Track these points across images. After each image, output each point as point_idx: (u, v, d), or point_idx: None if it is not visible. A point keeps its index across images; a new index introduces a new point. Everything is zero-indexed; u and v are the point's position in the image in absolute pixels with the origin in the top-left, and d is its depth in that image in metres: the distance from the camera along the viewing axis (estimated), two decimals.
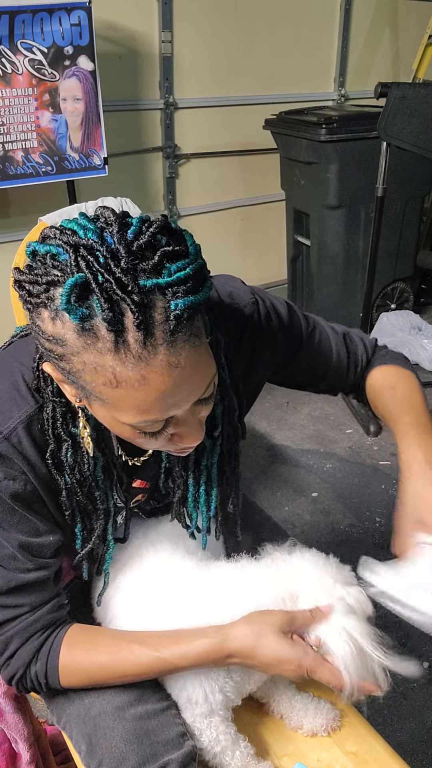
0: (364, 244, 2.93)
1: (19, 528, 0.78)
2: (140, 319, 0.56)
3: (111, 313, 0.56)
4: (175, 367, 0.60)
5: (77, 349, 0.59)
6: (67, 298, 0.57)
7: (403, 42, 3.49)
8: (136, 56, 2.67)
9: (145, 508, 0.98)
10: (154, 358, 0.58)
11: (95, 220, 0.61)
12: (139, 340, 0.57)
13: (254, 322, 0.88)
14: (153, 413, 0.63)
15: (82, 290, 0.57)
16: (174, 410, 0.64)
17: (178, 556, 0.91)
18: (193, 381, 0.63)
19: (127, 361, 0.58)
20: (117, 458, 0.82)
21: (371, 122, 2.47)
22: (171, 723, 0.84)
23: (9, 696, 0.99)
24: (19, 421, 0.74)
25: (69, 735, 0.87)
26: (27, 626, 0.81)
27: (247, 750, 0.87)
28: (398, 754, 0.91)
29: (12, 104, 2.12)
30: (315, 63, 3.27)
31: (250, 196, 3.29)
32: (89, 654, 0.81)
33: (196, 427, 0.70)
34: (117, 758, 0.79)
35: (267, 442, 2.55)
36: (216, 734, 0.86)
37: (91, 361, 0.59)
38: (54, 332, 0.60)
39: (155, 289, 0.57)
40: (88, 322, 0.57)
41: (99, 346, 0.58)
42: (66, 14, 2.10)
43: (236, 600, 0.83)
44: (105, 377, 0.59)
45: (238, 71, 2.99)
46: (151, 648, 0.80)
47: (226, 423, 0.85)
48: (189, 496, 0.88)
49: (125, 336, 0.57)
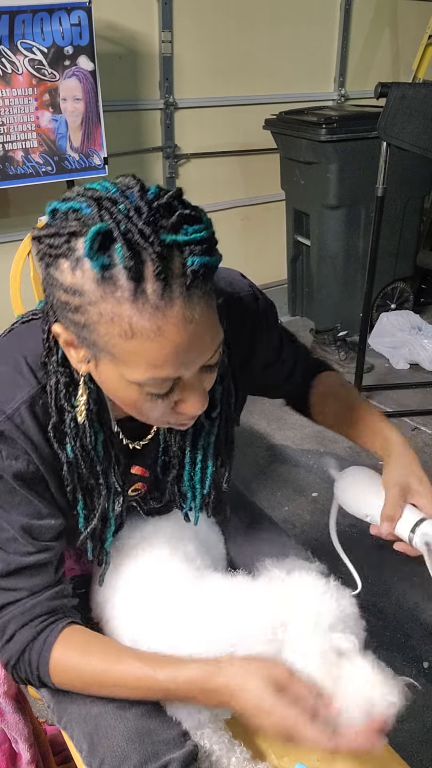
0: (364, 244, 2.93)
1: (20, 510, 0.77)
2: (160, 269, 0.58)
3: (132, 261, 0.58)
4: (190, 322, 0.61)
5: (95, 299, 0.60)
6: (90, 245, 0.58)
7: (403, 42, 3.49)
8: (136, 56, 2.67)
9: (144, 507, 0.98)
10: (170, 310, 0.60)
11: (116, 184, 0.64)
12: (157, 290, 0.59)
13: (253, 311, 0.90)
14: (164, 369, 0.64)
15: (104, 239, 0.59)
16: (185, 369, 0.65)
17: (176, 561, 0.91)
18: (204, 339, 0.65)
19: (145, 310, 0.59)
20: (115, 437, 0.82)
21: (371, 122, 2.47)
22: (172, 722, 0.84)
23: (9, 696, 0.98)
24: (21, 401, 0.74)
25: (70, 734, 0.87)
26: (25, 611, 0.80)
27: (243, 755, 0.86)
28: (398, 754, 0.91)
29: (12, 104, 2.12)
30: (315, 63, 3.27)
31: (250, 196, 3.29)
32: (82, 657, 0.79)
33: (201, 394, 0.70)
34: (119, 757, 0.79)
35: (267, 442, 2.55)
36: (209, 744, 0.85)
37: (108, 311, 0.60)
38: (73, 282, 0.61)
39: (173, 245, 0.60)
40: (109, 271, 0.59)
41: (117, 295, 0.59)
42: (66, 14, 2.10)
43: (227, 621, 0.81)
44: (121, 328, 0.60)
45: (238, 71, 2.99)
46: (144, 663, 0.77)
47: (224, 405, 0.86)
48: (185, 474, 0.89)
49: (144, 285, 0.59)
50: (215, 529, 1.05)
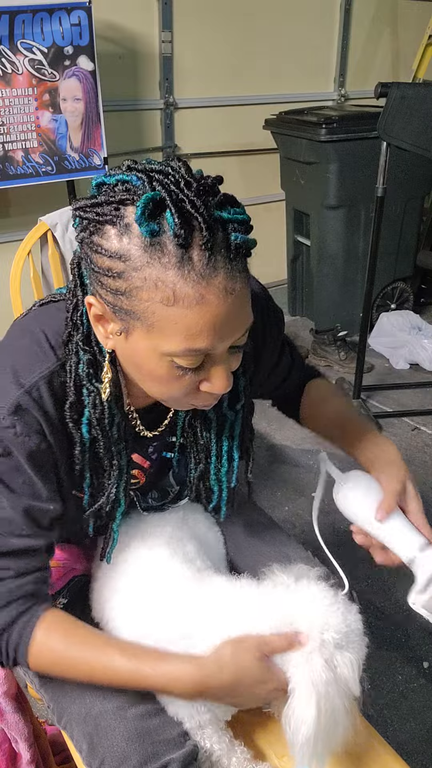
0: (364, 244, 2.93)
1: (23, 490, 0.77)
2: (207, 238, 0.61)
3: (182, 229, 0.60)
4: (231, 293, 0.64)
5: (140, 264, 0.62)
6: (142, 211, 0.60)
7: (403, 42, 3.49)
8: (136, 56, 2.67)
9: (142, 504, 0.98)
10: (214, 279, 0.62)
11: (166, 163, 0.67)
12: (203, 259, 0.61)
13: (264, 312, 0.92)
14: (201, 339, 0.65)
15: (155, 206, 0.61)
16: (220, 341, 0.66)
17: (176, 562, 0.91)
18: (240, 315, 0.67)
19: (189, 277, 0.61)
20: (128, 423, 0.84)
21: (371, 122, 2.47)
22: (172, 722, 0.84)
23: (9, 696, 0.98)
24: (40, 376, 0.74)
25: (70, 734, 0.87)
26: (9, 591, 0.79)
27: (243, 755, 0.87)
28: (398, 754, 0.91)
29: (12, 104, 2.12)
30: (315, 63, 3.27)
31: (250, 196, 3.29)
32: (64, 644, 0.79)
33: (227, 373, 0.71)
34: (119, 757, 0.79)
35: (267, 442, 2.55)
36: (210, 744, 0.85)
37: (153, 276, 0.62)
38: (119, 248, 0.63)
39: (219, 221, 0.63)
40: (157, 237, 0.61)
41: (164, 260, 0.61)
42: (66, 14, 2.10)
43: (231, 623, 0.81)
44: (164, 294, 0.62)
45: (238, 71, 2.99)
46: (126, 657, 0.77)
47: (248, 397, 0.89)
48: (211, 468, 0.91)
49: (191, 253, 0.61)
50: (215, 529, 1.05)
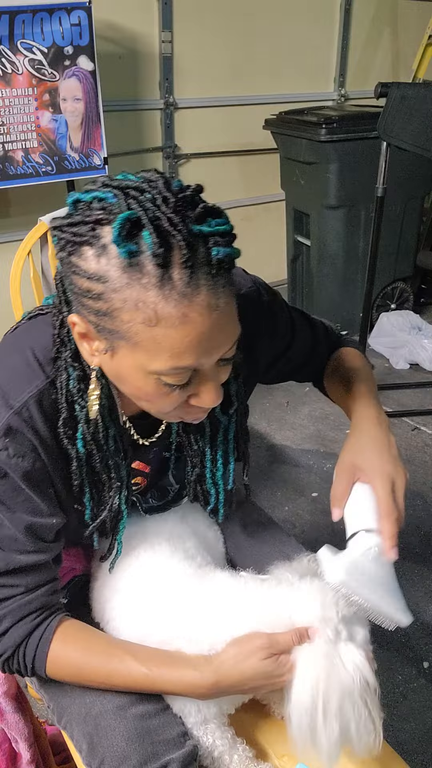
0: (364, 244, 2.93)
1: (23, 507, 0.77)
2: (188, 256, 0.59)
3: (161, 248, 0.59)
4: (215, 309, 0.62)
5: (119, 285, 0.61)
6: (118, 232, 0.59)
7: (403, 42, 3.49)
8: (136, 56, 2.67)
9: (143, 505, 0.98)
10: (196, 297, 0.61)
11: (143, 177, 0.65)
12: (184, 277, 0.60)
13: (257, 307, 0.90)
14: (186, 357, 0.64)
15: (132, 225, 0.59)
16: (206, 358, 0.65)
17: (177, 560, 0.91)
18: (226, 329, 0.65)
19: (171, 297, 0.60)
20: (125, 432, 0.83)
21: (371, 122, 2.47)
22: (172, 722, 0.84)
23: (9, 696, 0.98)
24: (29, 396, 0.74)
25: (70, 734, 0.87)
26: (21, 606, 0.80)
27: (245, 753, 0.87)
28: (398, 754, 0.91)
29: (12, 104, 2.12)
30: (315, 63, 3.27)
31: (250, 196, 3.29)
32: (82, 654, 0.81)
33: (216, 387, 0.70)
34: (118, 757, 0.79)
35: (267, 442, 2.55)
36: (213, 740, 0.85)
37: (133, 298, 0.60)
38: (97, 269, 0.61)
39: (200, 235, 0.61)
40: (136, 257, 0.59)
41: (144, 281, 0.60)
42: (66, 14, 2.10)
43: (234, 620, 0.81)
44: (145, 314, 0.61)
45: (238, 71, 2.99)
46: (142, 663, 0.80)
47: (241, 401, 0.87)
48: (207, 473, 0.90)
49: (171, 272, 0.59)
50: (214, 528, 1.05)
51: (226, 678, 0.78)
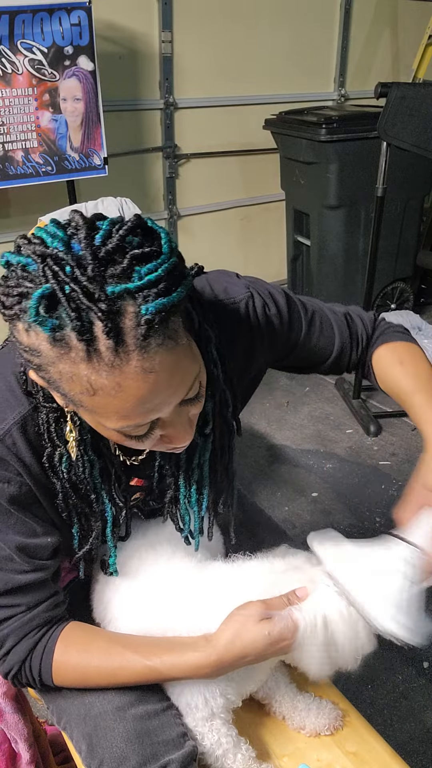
0: (364, 244, 2.93)
1: (16, 529, 0.78)
2: (109, 327, 0.56)
3: (79, 322, 0.56)
4: (150, 372, 0.59)
5: (52, 360, 0.59)
6: (35, 311, 0.56)
7: (403, 42, 3.49)
8: (136, 56, 2.67)
9: (143, 509, 0.98)
10: (127, 365, 0.58)
11: (66, 226, 0.60)
12: (110, 347, 0.57)
13: (250, 316, 0.88)
14: (133, 418, 0.63)
15: (50, 301, 0.56)
16: (155, 414, 0.64)
17: (177, 558, 0.91)
18: (171, 384, 0.62)
19: (101, 369, 0.58)
20: (115, 458, 0.82)
21: (371, 122, 2.47)
22: (171, 723, 0.84)
23: (9, 696, 0.99)
24: (13, 422, 0.74)
25: (69, 735, 0.87)
26: (23, 624, 0.81)
27: (249, 753, 0.87)
28: (398, 754, 0.91)
29: (12, 104, 2.12)
30: (315, 63, 3.27)
31: (250, 196, 3.29)
32: (83, 656, 0.82)
33: (184, 428, 0.69)
34: (118, 758, 0.79)
35: (267, 442, 2.55)
36: (218, 737, 0.85)
37: (67, 371, 0.59)
38: (29, 343, 0.59)
39: (125, 295, 0.56)
40: (60, 332, 0.56)
41: (72, 355, 0.57)
42: (66, 14, 2.10)
43: (233, 596, 0.83)
44: (81, 386, 0.59)
45: (238, 71, 2.99)
46: (144, 656, 0.80)
47: (217, 419, 0.84)
48: (180, 497, 0.88)
49: (96, 345, 0.56)
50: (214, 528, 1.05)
51: (228, 651, 0.78)
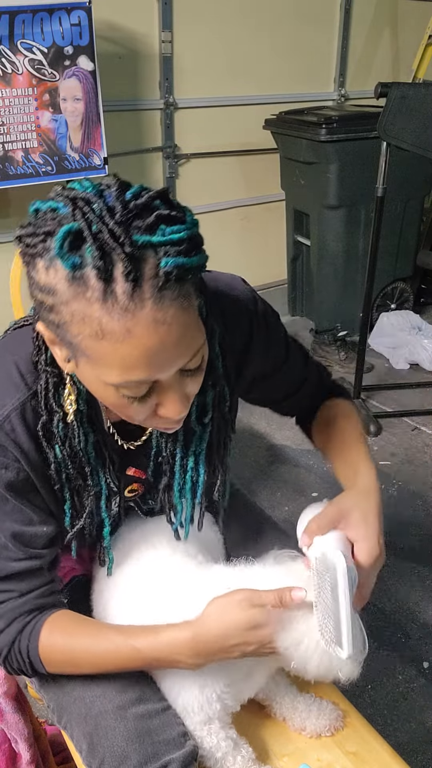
0: (364, 244, 2.93)
1: (12, 517, 0.78)
2: (129, 269, 0.57)
3: (102, 261, 0.57)
4: (162, 323, 0.60)
5: (67, 298, 0.60)
6: (60, 244, 0.58)
7: (403, 42, 3.49)
8: (136, 56, 2.67)
9: (142, 507, 0.98)
10: (140, 311, 0.59)
11: (98, 184, 0.63)
12: (126, 291, 0.58)
13: (251, 314, 0.88)
14: (137, 371, 0.62)
15: (75, 238, 0.58)
16: (158, 372, 0.64)
17: (177, 558, 0.91)
18: (180, 344, 0.63)
19: (114, 311, 0.58)
20: (108, 436, 0.82)
21: (371, 122, 2.47)
22: (172, 722, 0.84)
23: (9, 696, 0.99)
24: (12, 408, 0.74)
25: (70, 734, 0.87)
26: (14, 608, 0.82)
27: (248, 754, 0.87)
28: (398, 754, 0.91)
29: (12, 104, 2.12)
30: (315, 63, 3.27)
31: (250, 196, 3.29)
32: (69, 639, 0.82)
33: (180, 398, 0.69)
34: (118, 757, 0.79)
35: (267, 442, 2.55)
36: (216, 740, 0.85)
37: (79, 311, 0.59)
38: (47, 281, 0.61)
39: (147, 246, 0.58)
40: (79, 270, 0.58)
41: (88, 295, 0.58)
42: (66, 14, 2.10)
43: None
44: (91, 328, 0.60)
45: (238, 71, 2.99)
46: (128, 638, 0.80)
47: (216, 411, 0.85)
48: (175, 484, 0.88)
49: (113, 286, 0.58)
50: (215, 528, 1.05)
51: (207, 632, 0.76)
